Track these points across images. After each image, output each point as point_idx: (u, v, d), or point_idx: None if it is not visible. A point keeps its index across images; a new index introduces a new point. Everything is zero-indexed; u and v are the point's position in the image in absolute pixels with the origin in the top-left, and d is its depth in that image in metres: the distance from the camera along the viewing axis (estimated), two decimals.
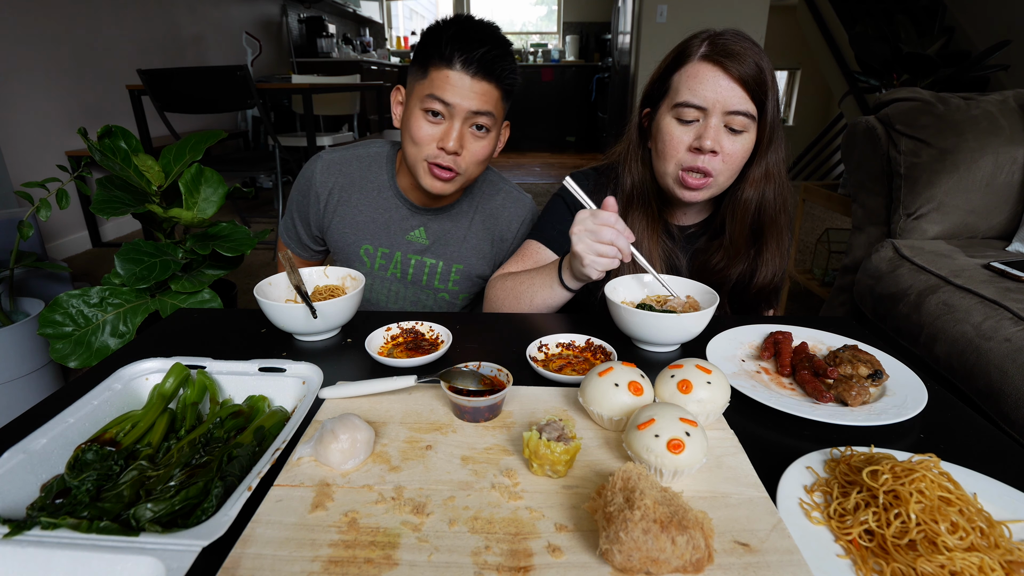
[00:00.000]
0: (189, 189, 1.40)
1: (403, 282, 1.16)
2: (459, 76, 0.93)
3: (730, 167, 0.89)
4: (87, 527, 0.44)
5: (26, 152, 2.86)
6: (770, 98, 0.86)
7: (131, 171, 1.38)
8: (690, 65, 0.88)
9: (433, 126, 0.96)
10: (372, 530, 0.45)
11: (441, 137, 0.96)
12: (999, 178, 1.69)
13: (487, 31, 0.96)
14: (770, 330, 0.80)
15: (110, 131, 1.40)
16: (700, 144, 0.86)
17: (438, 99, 0.94)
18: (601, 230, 0.79)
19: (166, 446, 0.57)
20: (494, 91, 0.96)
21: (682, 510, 0.42)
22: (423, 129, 0.96)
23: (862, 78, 3.21)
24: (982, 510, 0.45)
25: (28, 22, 2.86)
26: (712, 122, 0.85)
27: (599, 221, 0.79)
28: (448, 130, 0.96)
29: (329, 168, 1.13)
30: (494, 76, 0.95)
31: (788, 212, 0.96)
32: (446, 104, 0.94)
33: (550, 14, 8.40)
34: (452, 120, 0.95)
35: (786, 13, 5.85)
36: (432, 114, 0.96)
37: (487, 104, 0.96)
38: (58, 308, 1.26)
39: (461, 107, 0.94)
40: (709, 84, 0.85)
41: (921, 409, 0.62)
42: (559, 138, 7.66)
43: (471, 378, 0.62)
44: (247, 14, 4.97)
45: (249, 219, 3.85)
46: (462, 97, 0.93)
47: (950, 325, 1.35)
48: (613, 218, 0.79)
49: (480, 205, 1.16)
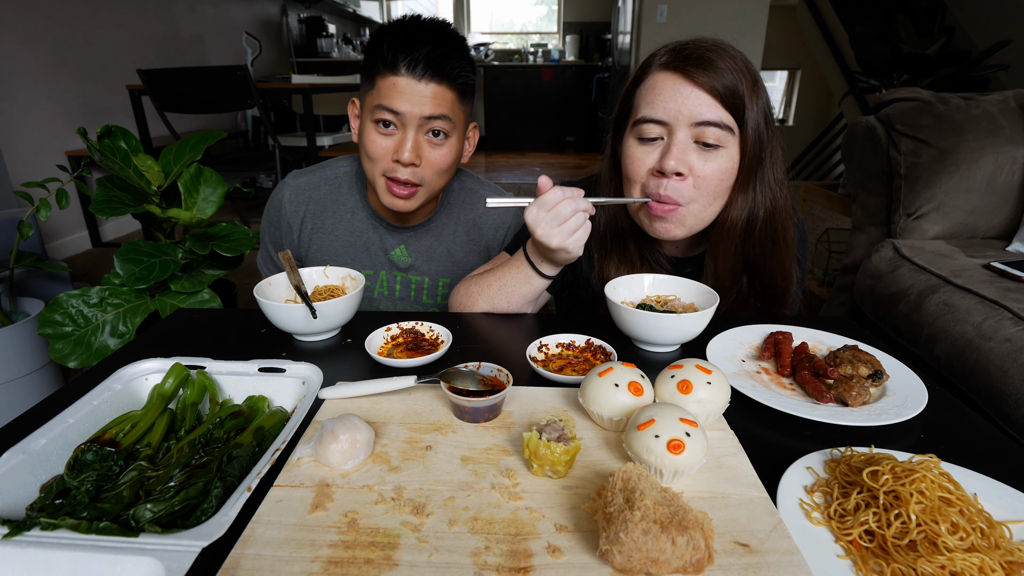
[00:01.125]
0: (188, 189, 1.40)
1: (391, 299, 1.12)
2: (406, 81, 0.87)
3: (704, 192, 0.76)
4: (87, 527, 0.44)
5: (26, 152, 2.86)
6: (752, 107, 0.73)
7: (131, 171, 1.38)
8: (649, 77, 0.78)
9: (386, 138, 0.91)
10: (372, 530, 0.45)
11: (395, 149, 0.90)
12: (999, 178, 1.69)
13: (432, 28, 0.90)
14: (770, 330, 0.80)
15: (110, 131, 1.40)
16: (662, 166, 0.74)
17: (387, 108, 0.88)
18: (557, 209, 0.72)
19: (166, 446, 0.57)
20: (447, 92, 0.90)
21: (682, 511, 0.42)
22: (376, 143, 0.91)
23: (862, 78, 3.22)
24: (982, 510, 0.45)
25: (28, 22, 2.86)
26: (678, 138, 0.74)
27: (549, 204, 0.72)
28: (402, 141, 0.90)
29: (297, 195, 1.07)
30: (444, 76, 0.88)
31: (790, 234, 0.83)
32: (396, 113, 0.88)
33: (550, 14, 8.40)
34: (405, 129, 0.90)
35: (786, 13, 5.85)
36: (384, 125, 0.90)
37: (441, 107, 0.89)
38: (58, 308, 1.26)
39: (412, 114, 0.88)
40: (669, 94, 0.74)
41: (921, 409, 0.62)
42: (559, 138, 7.67)
43: (471, 378, 0.62)
44: (247, 14, 4.97)
45: (249, 219, 3.85)
46: (412, 103, 0.88)
47: (950, 325, 1.35)
48: (557, 192, 0.72)
49: (460, 216, 1.10)
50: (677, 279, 0.86)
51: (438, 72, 0.88)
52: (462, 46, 0.93)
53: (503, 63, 7.53)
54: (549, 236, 0.73)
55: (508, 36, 8.50)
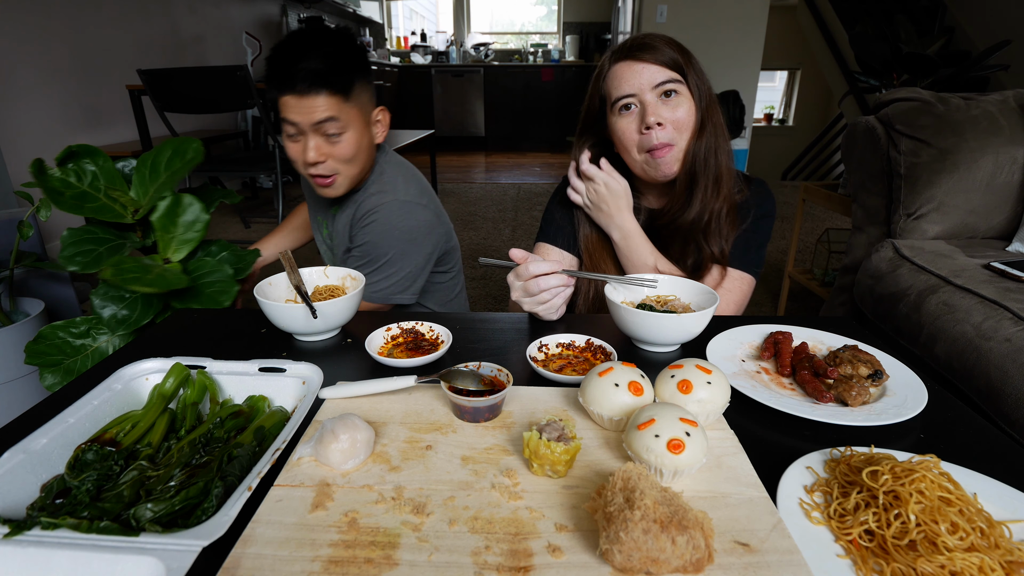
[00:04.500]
0: (164, 224, 1.15)
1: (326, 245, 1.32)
2: (291, 98, 1.01)
3: (683, 132, 0.95)
4: (87, 527, 0.44)
5: (26, 152, 2.86)
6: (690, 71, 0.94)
7: (102, 196, 1.15)
8: (610, 71, 0.98)
9: (295, 144, 1.06)
10: (372, 530, 0.45)
11: (302, 152, 1.05)
12: (999, 178, 1.69)
13: (305, 48, 1.01)
14: (770, 330, 0.80)
15: (73, 152, 1.14)
16: (646, 122, 0.94)
17: (287, 121, 1.03)
18: (529, 286, 0.81)
19: (166, 446, 0.57)
20: (329, 99, 1.01)
21: (682, 510, 0.42)
22: (290, 149, 1.08)
23: (862, 78, 3.21)
24: (982, 510, 0.45)
25: (28, 22, 2.86)
26: (647, 100, 0.94)
27: (523, 279, 0.82)
28: (305, 145, 1.05)
29: None
30: (321, 87, 1.00)
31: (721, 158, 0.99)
32: (293, 124, 1.03)
33: (550, 14, 8.40)
34: (305, 136, 1.04)
35: (786, 13, 5.86)
36: (290, 134, 1.06)
37: (326, 111, 1.02)
38: (42, 341, 1.17)
39: (304, 123, 1.02)
40: (628, 75, 0.94)
41: (921, 409, 0.62)
42: (559, 138, 7.66)
43: (471, 378, 0.62)
44: (247, 14, 4.96)
45: (250, 219, 3.85)
46: (300, 115, 1.01)
47: (950, 325, 1.35)
48: (532, 267, 0.81)
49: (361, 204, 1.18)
50: (677, 279, 0.86)
51: (315, 84, 1.00)
52: (340, 53, 1.03)
53: (503, 63, 7.52)
54: (521, 302, 0.84)
55: (508, 36, 8.50)
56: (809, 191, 2.39)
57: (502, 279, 2.97)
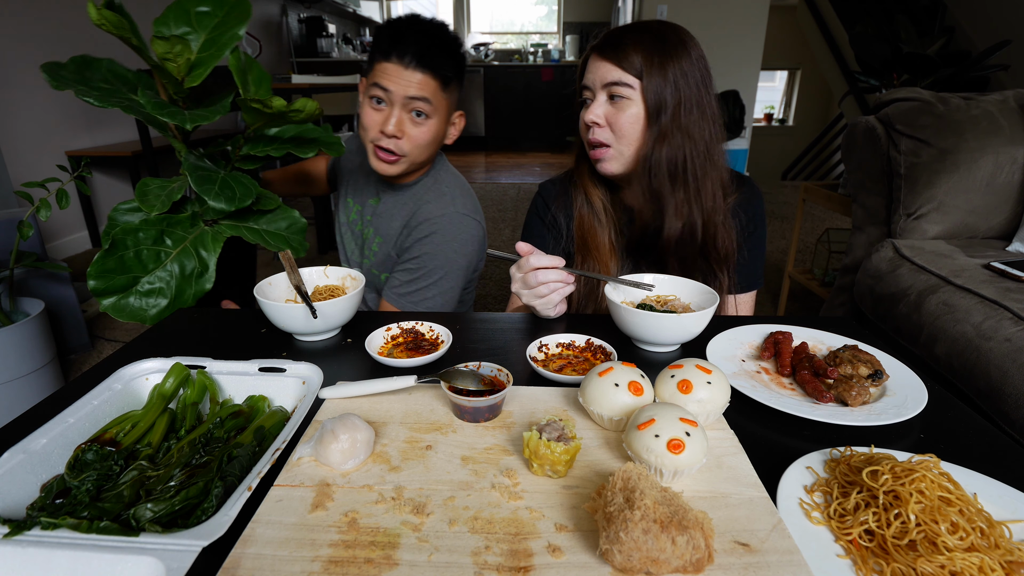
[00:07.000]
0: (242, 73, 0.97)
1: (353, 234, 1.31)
2: (394, 67, 1.04)
3: (620, 135, 0.93)
4: (87, 527, 0.44)
5: (26, 152, 2.86)
6: (656, 76, 0.89)
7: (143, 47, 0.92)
8: (587, 60, 0.98)
9: (377, 113, 1.09)
10: (372, 530, 0.45)
11: (383, 122, 1.07)
12: (999, 178, 1.69)
13: (424, 26, 1.08)
14: (770, 330, 0.80)
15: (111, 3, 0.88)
16: (586, 119, 0.94)
17: (379, 86, 1.06)
18: (527, 278, 0.82)
19: (166, 446, 0.57)
20: (430, 80, 1.06)
21: (682, 510, 0.42)
22: (369, 115, 1.10)
23: (862, 78, 3.21)
24: (982, 510, 0.45)
25: (28, 22, 2.86)
26: (597, 97, 0.93)
27: (524, 271, 0.83)
28: (388, 115, 1.07)
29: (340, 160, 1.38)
30: (427, 66, 1.05)
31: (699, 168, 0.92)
32: (385, 90, 1.06)
33: (550, 14, 8.40)
34: (392, 106, 1.07)
35: (786, 13, 5.85)
36: (376, 101, 1.08)
37: (423, 91, 1.05)
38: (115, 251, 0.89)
39: (398, 93, 1.05)
40: (590, 68, 0.95)
41: (921, 409, 0.62)
42: (559, 138, 7.66)
43: (471, 378, 0.62)
44: None
45: None
46: (397, 84, 1.05)
47: (950, 325, 1.35)
48: (533, 260, 0.82)
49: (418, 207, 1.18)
50: (677, 279, 0.86)
51: (422, 62, 1.04)
52: (451, 45, 1.09)
53: (503, 63, 7.52)
54: (520, 293, 0.85)
55: (508, 36, 8.50)
56: (809, 191, 2.39)
57: (502, 279, 2.97)
